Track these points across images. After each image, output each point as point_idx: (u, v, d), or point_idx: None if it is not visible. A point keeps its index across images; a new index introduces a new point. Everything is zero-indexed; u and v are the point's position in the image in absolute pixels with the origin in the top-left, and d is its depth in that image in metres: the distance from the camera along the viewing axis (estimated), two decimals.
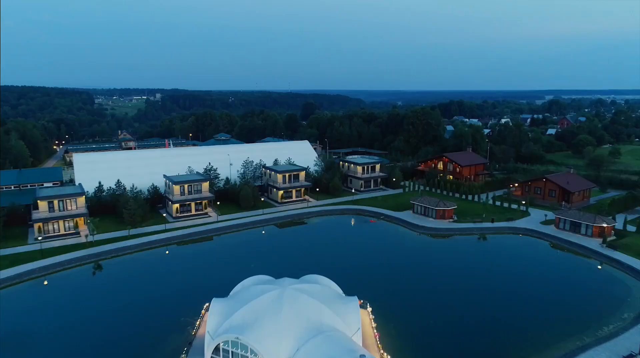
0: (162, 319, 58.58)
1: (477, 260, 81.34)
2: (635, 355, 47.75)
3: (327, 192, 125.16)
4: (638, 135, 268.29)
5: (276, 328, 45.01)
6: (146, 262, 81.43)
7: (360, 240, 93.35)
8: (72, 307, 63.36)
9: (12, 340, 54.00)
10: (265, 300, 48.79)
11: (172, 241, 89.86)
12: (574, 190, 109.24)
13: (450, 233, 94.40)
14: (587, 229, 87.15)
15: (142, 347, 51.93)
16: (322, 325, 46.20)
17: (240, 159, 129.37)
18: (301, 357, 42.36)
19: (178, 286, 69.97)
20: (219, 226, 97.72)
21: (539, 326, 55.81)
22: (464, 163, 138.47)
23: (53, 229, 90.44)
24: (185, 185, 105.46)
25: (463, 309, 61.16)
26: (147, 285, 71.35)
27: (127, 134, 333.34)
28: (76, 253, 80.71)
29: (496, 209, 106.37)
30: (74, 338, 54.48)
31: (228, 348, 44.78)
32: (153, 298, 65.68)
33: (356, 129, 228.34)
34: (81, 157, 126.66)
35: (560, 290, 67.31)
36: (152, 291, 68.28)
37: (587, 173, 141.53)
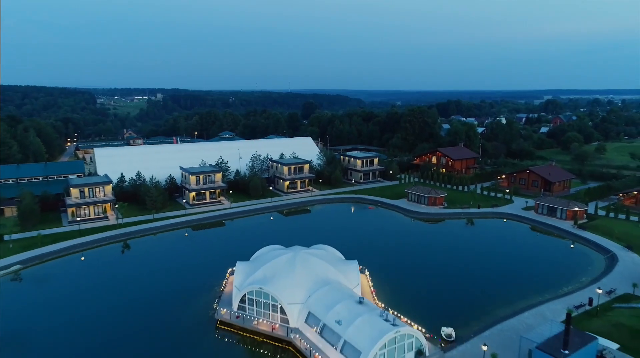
0: (192, 283, 68.92)
1: (463, 239, 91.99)
2: (584, 304, 58.24)
3: (329, 183, 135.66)
4: (627, 133, 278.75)
5: (291, 281, 55.54)
6: (170, 241, 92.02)
7: (360, 223, 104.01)
8: (112, 275, 73.81)
9: (67, 300, 64.60)
10: (282, 261, 59.37)
11: (191, 224, 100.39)
12: (554, 180, 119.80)
13: (440, 218, 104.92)
14: (561, 213, 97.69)
15: (179, 303, 62.29)
16: (328, 279, 56.78)
17: (249, 153, 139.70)
18: (312, 301, 52.88)
19: (201, 259, 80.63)
20: (232, 212, 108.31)
21: (511, 287, 66.24)
22: (456, 157, 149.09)
23: (84, 213, 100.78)
24: (200, 175, 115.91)
25: (448, 275, 71.74)
26: (173, 258, 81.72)
27: (132, 132, 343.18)
28: (109, 232, 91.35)
29: (484, 198, 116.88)
30: (117, 299, 64.79)
31: (253, 297, 55.30)
32: (181, 268, 76.16)
33: (356, 127, 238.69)
34: (102, 151, 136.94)
35: (534, 262, 77.75)
36: (179, 263, 78.72)
37: (571, 166, 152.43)
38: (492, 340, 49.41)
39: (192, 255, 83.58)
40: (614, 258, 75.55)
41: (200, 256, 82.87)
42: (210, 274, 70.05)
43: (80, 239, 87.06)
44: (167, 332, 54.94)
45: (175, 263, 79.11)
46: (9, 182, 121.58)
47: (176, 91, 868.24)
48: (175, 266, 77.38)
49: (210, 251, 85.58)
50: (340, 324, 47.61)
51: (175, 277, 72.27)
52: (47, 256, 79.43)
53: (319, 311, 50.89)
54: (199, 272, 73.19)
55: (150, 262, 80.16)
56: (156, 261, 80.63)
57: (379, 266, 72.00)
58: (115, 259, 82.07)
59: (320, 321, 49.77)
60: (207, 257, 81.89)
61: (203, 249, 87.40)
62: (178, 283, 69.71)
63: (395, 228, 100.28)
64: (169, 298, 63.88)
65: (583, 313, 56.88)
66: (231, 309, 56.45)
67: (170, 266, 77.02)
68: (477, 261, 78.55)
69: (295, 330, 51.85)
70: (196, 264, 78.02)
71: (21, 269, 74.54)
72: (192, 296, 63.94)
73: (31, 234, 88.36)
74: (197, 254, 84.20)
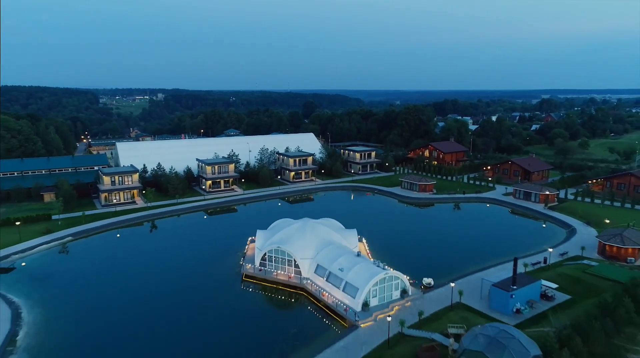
0: (218, 250, 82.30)
1: (449, 218, 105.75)
2: (540, 262, 71.73)
3: (331, 174, 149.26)
4: (613, 130, 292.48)
5: (303, 242, 69.07)
6: (192, 220, 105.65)
7: (358, 206, 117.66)
8: (148, 246, 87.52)
9: (114, 264, 78.21)
10: (294, 228, 72.93)
11: (210, 207, 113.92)
12: (533, 170, 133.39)
13: (430, 202, 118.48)
14: (535, 197, 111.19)
15: (210, 265, 75.69)
16: (332, 241, 70.34)
17: (257, 147, 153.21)
18: (319, 256, 66.41)
19: (222, 233, 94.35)
20: (245, 197, 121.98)
21: (485, 253, 79.27)
22: (447, 150, 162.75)
23: (115, 198, 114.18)
24: (215, 166, 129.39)
25: (433, 243, 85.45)
26: (198, 234, 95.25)
27: (138, 131, 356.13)
28: (139, 213, 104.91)
29: (470, 186, 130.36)
30: (156, 263, 78.23)
31: (272, 255, 68.83)
32: (206, 240, 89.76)
33: (355, 125, 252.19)
34: (123, 145, 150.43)
35: (507, 235, 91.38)
36: (203, 237, 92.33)
37: (554, 160, 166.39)
38: (462, 285, 62.62)
39: (213, 231, 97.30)
40: (573, 231, 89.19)
41: (221, 231, 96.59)
42: (232, 244, 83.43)
43: (115, 218, 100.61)
44: (203, 285, 68.29)
45: (200, 237, 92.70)
46: (42, 173, 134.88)
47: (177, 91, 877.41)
48: (201, 239, 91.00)
49: (229, 228, 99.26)
50: (342, 271, 61.12)
51: (202, 247, 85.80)
52: (91, 231, 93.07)
53: (325, 263, 64.38)
54: (222, 243, 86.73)
55: (178, 237, 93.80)
56: (183, 236, 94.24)
57: (374, 236, 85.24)
58: (147, 235, 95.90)
59: (327, 270, 63.26)
60: (227, 232, 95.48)
61: (223, 226, 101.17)
62: (206, 251, 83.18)
63: (390, 209, 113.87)
64: (201, 262, 77.32)
65: (538, 268, 70.27)
66: (254, 265, 69.96)
67: (197, 240, 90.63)
68: (459, 234, 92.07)
69: (307, 279, 65.37)
70: (219, 237, 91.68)
71: (72, 241, 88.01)
72: (220, 259, 77.43)
73: (72, 214, 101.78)
74: (218, 230, 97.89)
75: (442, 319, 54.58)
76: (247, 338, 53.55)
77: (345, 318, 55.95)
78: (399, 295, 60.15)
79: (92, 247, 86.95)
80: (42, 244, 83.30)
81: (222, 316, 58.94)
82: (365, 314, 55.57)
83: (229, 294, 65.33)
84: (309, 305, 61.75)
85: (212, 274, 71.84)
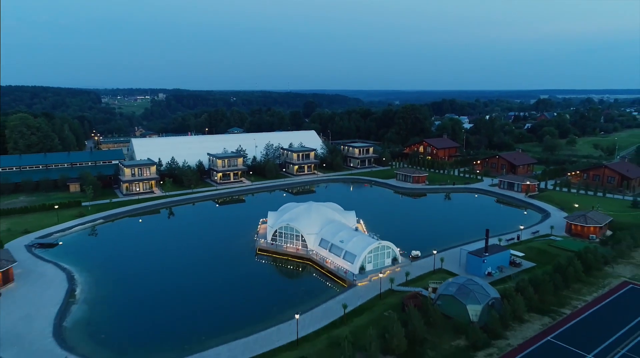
0: (233, 230, 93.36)
1: (439, 205, 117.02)
2: (513, 238, 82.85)
3: (331, 168, 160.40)
4: (603, 129, 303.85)
5: (309, 220, 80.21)
6: (207, 207, 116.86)
7: (357, 196, 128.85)
8: (170, 228, 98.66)
9: (143, 241, 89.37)
10: (301, 209, 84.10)
11: (221, 196, 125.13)
12: (518, 164, 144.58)
13: (422, 192, 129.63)
14: (517, 187, 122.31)
15: (227, 241, 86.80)
16: (334, 220, 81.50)
17: (262, 143, 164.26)
18: (323, 231, 77.58)
19: (235, 218, 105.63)
20: (253, 188, 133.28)
21: (468, 232, 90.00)
22: (440, 146, 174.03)
23: (135, 188, 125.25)
24: (225, 159, 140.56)
25: (424, 225, 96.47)
26: (213, 218, 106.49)
27: (142, 130, 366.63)
28: (158, 201, 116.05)
29: (460, 179, 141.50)
30: (180, 241, 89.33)
31: (282, 231, 79.99)
32: (221, 223, 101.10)
33: (354, 124, 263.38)
34: (139, 141, 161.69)
35: (490, 218, 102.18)
36: (218, 220, 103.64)
37: (541, 155, 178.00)
38: (444, 255, 73.63)
39: (226, 216, 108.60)
40: (548, 215, 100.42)
41: (233, 216, 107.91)
42: (245, 226, 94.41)
43: (138, 204, 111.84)
44: (223, 256, 79.43)
45: (215, 220, 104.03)
46: (64, 166, 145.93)
47: (178, 91, 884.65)
48: (216, 222, 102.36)
49: (241, 213, 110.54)
50: (342, 242, 72.28)
51: (218, 228, 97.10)
52: (119, 215, 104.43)
53: (328, 237, 75.55)
54: (235, 225, 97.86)
55: (196, 220, 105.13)
56: (200, 219, 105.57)
57: (371, 220, 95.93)
58: (168, 219, 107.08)
59: (329, 242, 74.42)
60: (239, 216, 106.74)
61: (234, 212, 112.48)
62: (221, 231, 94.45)
63: (385, 198, 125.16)
64: (218, 239, 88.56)
65: (512, 243, 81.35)
66: (267, 240, 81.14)
67: (212, 223, 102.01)
68: (447, 218, 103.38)
69: (312, 250, 76.53)
70: (232, 221, 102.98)
71: (102, 223, 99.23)
72: (235, 237, 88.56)
73: (99, 202, 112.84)
74: (230, 215, 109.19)
75: (425, 280, 65.62)
76: (263, 294, 64.68)
77: (345, 280, 67.12)
78: (391, 262, 71.30)
79: (121, 228, 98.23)
80: (78, 225, 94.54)
81: (241, 279, 70.14)
82: (361, 276, 66.73)
83: (245, 263, 76.50)
84: (315, 272, 72.92)
85: (229, 248, 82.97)
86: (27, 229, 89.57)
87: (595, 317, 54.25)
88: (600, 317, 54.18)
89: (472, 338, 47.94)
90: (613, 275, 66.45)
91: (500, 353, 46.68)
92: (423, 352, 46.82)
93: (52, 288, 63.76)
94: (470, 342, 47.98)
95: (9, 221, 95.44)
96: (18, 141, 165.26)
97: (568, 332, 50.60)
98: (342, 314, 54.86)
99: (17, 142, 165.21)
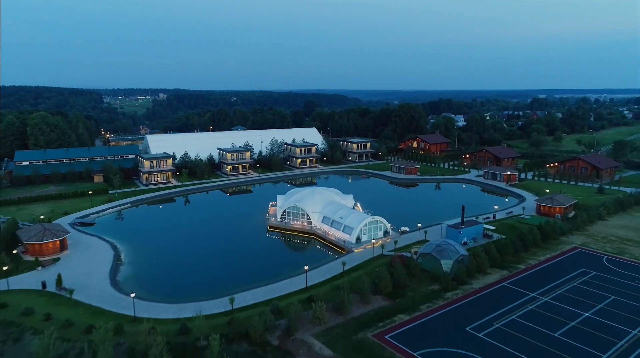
0: (245, 212, 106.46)
1: (429, 193, 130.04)
2: (489, 217, 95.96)
3: (331, 162, 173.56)
4: (591, 126, 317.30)
5: (313, 202, 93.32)
6: (220, 195, 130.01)
7: (354, 186, 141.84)
8: (189, 212, 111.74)
9: (167, 222, 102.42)
10: (306, 192, 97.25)
11: (232, 186, 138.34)
12: (503, 157, 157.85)
13: (414, 182, 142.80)
14: (500, 177, 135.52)
15: (241, 221, 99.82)
16: (334, 201, 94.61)
17: (267, 139, 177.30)
18: (325, 210, 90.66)
19: (246, 203, 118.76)
20: (260, 179, 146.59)
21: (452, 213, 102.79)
22: (432, 141, 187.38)
23: (153, 179, 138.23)
24: (234, 153, 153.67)
25: (414, 208, 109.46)
26: (227, 203, 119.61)
27: (147, 129, 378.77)
28: (175, 189, 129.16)
29: (450, 171, 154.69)
30: (198, 221, 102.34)
31: (290, 211, 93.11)
32: (234, 207, 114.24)
33: (353, 122, 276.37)
34: (153, 137, 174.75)
35: (473, 202, 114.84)
36: (232, 204, 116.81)
37: (527, 150, 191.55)
38: (429, 230, 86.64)
39: (238, 202, 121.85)
40: (523, 199, 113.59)
41: (244, 202, 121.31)
42: (255, 209, 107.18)
43: (158, 192, 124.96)
44: (239, 232, 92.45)
45: (228, 205, 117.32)
46: (85, 160, 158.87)
47: (178, 91, 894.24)
48: (230, 207, 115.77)
49: (250, 200, 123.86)
50: (342, 218, 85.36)
51: (231, 211, 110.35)
52: (143, 201, 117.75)
53: (329, 214, 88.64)
54: (247, 209, 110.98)
55: (211, 205, 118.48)
56: (215, 205, 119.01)
57: (367, 204, 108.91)
58: (186, 204, 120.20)
59: (331, 219, 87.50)
60: (249, 202, 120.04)
61: (244, 199, 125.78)
62: (235, 213, 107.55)
63: (380, 187, 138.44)
64: (232, 219, 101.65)
65: (487, 221, 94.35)
66: (276, 219, 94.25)
67: (226, 207, 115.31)
68: (435, 203, 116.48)
69: (316, 226, 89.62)
70: (243, 206, 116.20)
71: (129, 207, 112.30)
72: (248, 218, 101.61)
73: (124, 190, 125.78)
74: (241, 202, 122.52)
75: (410, 248, 78.67)
76: (276, 259, 77.75)
77: (344, 248, 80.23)
78: (382, 234, 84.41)
79: (146, 211, 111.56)
80: (109, 208, 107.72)
81: (257, 248, 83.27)
82: (357, 245, 79.83)
83: (259, 237, 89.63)
84: (318, 244, 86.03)
85: (244, 226, 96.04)
86: (67, 211, 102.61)
87: (544, 270, 67.46)
88: (549, 270, 67.36)
89: (443, 283, 61.08)
90: (567, 242, 79.73)
91: (464, 293, 59.78)
92: (405, 293, 59.82)
93: (100, 254, 76.77)
94: (442, 287, 61.09)
95: (48, 205, 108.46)
96: (38, 137, 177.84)
97: (520, 280, 63.75)
98: (342, 270, 67.91)
99: (37, 138, 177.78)
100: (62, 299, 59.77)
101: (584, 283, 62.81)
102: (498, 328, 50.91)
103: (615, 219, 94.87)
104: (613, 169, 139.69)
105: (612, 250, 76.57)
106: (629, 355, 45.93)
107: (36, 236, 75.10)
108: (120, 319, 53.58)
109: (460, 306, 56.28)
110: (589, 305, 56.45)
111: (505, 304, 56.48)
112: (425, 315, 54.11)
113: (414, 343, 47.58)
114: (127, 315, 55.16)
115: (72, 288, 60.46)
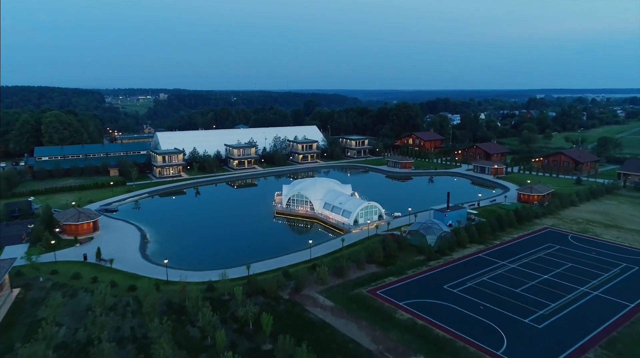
0: (253, 201, 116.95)
1: (423, 185, 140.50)
2: (474, 204, 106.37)
3: (331, 157, 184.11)
4: (583, 125, 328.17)
5: (315, 190, 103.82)
6: (227, 187, 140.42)
7: (353, 178, 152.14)
8: (201, 200, 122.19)
9: (183, 209, 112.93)
10: (309, 182, 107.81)
11: (239, 179, 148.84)
12: (493, 152, 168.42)
13: (409, 176, 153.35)
14: (488, 170, 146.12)
15: (249, 208, 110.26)
16: (334, 189, 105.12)
17: (270, 136, 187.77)
18: (326, 197, 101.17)
19: (253, 193, 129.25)
20: (265, 172, 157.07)
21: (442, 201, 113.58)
22: (426, 138, 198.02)
23: (166, 173, 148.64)
24: (240, 149, 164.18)
25: (408, 198, 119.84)
26: (235, 194, 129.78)
27: (151, 128, 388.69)
28: (187, 181, 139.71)
29: (442, 165, 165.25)
30: (210, 209, 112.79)
31: (294, 198, 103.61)
32: (243, 197, 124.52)
33: (352, 121, 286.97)
34: (163, 134, 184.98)
35: (462, 192, 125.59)
36: (240, 195, 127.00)
37: (517, 147, 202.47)
38: (419, 214, 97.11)
39: (245, 193, 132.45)
40: (508, 190, 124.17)
41: (251, 193, 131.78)
42: (262, 199, 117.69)
43: (171, 184, 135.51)
44: (248, 218, 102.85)
45: (236, 196, 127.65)
46: (100, 155, 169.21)
47: (178, 91, 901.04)
48: (238, 197, 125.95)
49: (257, 191, 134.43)
50: (341, 204, 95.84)
51: (240, 201, 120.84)
52: (159, 191, 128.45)
53: (330, 201, 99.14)
54: (254, 199, 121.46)
55: (221, 195, 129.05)
56: (225, 195, 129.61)
57: (364, 194, 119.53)
58: (198, 195, 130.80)
59: (331, 205, 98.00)
60: (256, 193, 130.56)
61: (251, 191, 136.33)
62: (243, 202, 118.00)
63: (377, 180, 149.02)
64: (241, 207, 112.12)
65: (472, 207, 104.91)
66: (282, 205, 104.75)
67: (235, 197, 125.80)
68: (427, 193, 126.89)
69: (318, 211, 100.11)
70: (250, 196, 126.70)
71: (147, 196, 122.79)
72: (256, 205, 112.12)
73: (139, 182, 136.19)
74: (248, 193, 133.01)
75: (401, 228, 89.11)
76: (283, 239, 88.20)
77: (343, 229, 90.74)
78: (377, 218, 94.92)
79: (162, 200, 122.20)
80: (129, 198, 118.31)
81: (265, 230, 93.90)
82: (355, 226, 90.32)
83: (267, 222, 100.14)
84: (320, 227, 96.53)
85: (252, 212, 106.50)
86: (91, 199, 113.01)
87: (516, 244, 78.21)
88: (520, 245, 78.04)
89: (428, 254, 71.68)
90: (539, 224, 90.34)
91: (445, 262, 70.34)
92: (394, 262, 70.33)
93: (128, 234, 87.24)
94: (426, 257, 71.65)
95: (72, 195, 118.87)
96: (53, 135, 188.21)
97: (494, 252, 74.35)
98: (341, 246, 78.39)
99: (52, 136, 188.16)
100: (103, 268, 70.19)
101: (548, 255, 73.40)
102: (470, 287, 61.41)
103: (586, 205, 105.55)
104: (593, 163, 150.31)
105: (578, 229, 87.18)
106: (573, 305, 56.46)
107: (72, 218, 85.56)
108: (155, 282, 64.00)
109: (441, 271, 66.85)
110: (548, 270, 67.02)
111: (479, 269, 67.02)
112: (410, 277, 64.66)
113: (400, 296, 58.09)
114: (161, 278, 65.58)
115: (111, 258, 70.93)
